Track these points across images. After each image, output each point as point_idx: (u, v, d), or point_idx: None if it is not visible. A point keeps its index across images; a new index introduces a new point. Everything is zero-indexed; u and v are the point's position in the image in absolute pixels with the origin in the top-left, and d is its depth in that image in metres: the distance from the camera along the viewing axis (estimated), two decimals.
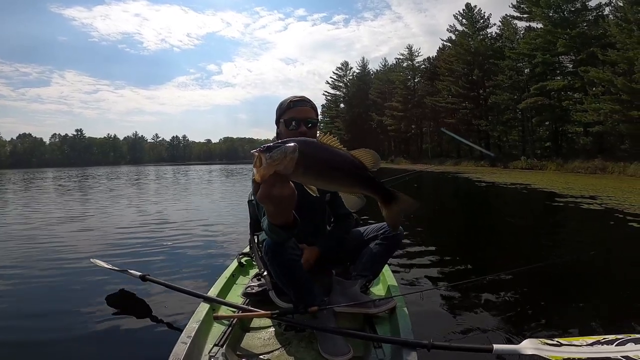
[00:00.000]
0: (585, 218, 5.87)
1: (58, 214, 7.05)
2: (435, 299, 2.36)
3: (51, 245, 4.27)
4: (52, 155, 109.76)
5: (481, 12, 33.13)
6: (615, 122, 19.15)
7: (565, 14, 23.94)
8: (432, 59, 41.04)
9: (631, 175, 15.60)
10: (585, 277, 2.92)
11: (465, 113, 33.05)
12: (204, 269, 3.14)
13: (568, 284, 2.72)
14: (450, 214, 7.19)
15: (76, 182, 19.36)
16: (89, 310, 2.33)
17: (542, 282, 2.73)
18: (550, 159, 23.21)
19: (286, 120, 1.58)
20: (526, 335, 1.74)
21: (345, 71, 55.51)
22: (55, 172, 41.02)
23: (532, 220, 6.15)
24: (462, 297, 2.45)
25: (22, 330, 2.08)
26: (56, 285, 2.90)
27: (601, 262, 3.36)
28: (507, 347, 1.30)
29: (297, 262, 1.44)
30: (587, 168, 19.04)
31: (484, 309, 2.23)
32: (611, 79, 18.30)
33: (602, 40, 20.72)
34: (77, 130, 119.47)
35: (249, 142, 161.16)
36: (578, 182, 12.40)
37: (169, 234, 4.71)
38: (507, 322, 2.07)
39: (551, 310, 2.28)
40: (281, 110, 1.61)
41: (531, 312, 2.26)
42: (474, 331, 1.94)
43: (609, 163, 18.17)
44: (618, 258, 3.60)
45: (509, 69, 28.08)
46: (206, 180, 18.35)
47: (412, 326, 1.46)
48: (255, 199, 1.45)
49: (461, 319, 2.11)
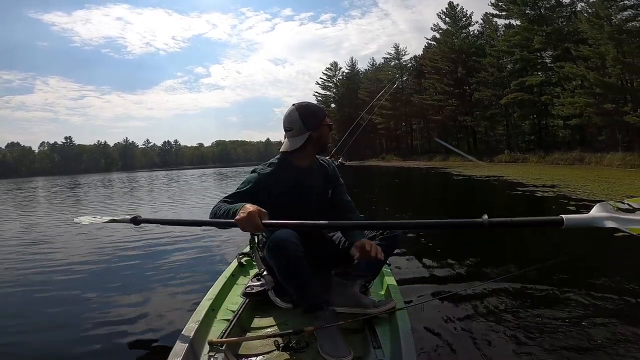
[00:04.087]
0: (529, 202, 6.68)
1: (55, 219, 7.22)
2: (436, 300, 2.35)
3: (49, 247, 4.37)
4: (42, 164, 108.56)
5: (463, 11, 34.02)
6: (590, 115, 19.96)
7: (542, 11, 24.76)
8: (418, 58, 41.86)
9: (607, 165, 16.29)
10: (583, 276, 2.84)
11: (452, 110, 33.87)
12: (204, 269, 3.13)
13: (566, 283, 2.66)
14: (404, 202, 7.94)
15: (73, 190, 19.16)
16: (88, 310, 2.33)
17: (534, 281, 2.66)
18: (533, 152, 24.03)
19: (330, 125, 1.72)
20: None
21: (334, 71, 56.22)
22: (46, 181, 39.97)
23: (479, 208, 6.83)
24: (462, 297, 2.43)
25: (18, 332, 2.09)
26: (55, 285, 2.90)
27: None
28: (579, 217, 1.09)
29: (301, 259, 1.43)
30: (566, 160, 19.74)
31: (485, 309, 2.22)
32: (584, 74, 19.11)
33: (575, 37, 21.56)
34: (67, 137, 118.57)
35: (241, 145, 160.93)
36: (550, 173, 13.07)
37: (169, 234, 4.72)
38: (509, 320, 2.08)
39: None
40: (320, 117, 1.67)
41: (530, 309, 2.24)
42: (474, 331, 1.95)
43: (586, 154, 18.88)
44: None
45: (491, 66, 28.91)
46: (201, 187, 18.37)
47: (412, 326, 1.46)
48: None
49: (461, 318, 2.11)
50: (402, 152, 42.58)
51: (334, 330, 1.41)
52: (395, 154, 42.57)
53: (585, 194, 6.92)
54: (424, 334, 1.92)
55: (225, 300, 1.80)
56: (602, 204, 1.11)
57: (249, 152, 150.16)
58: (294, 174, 1.66)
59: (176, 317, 2.14)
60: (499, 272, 2.99)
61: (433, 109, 36.14)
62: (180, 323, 1.67)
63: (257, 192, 1.59)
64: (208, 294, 1.77)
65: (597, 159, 17.78)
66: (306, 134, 1.62)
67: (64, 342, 1.97)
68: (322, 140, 1.68)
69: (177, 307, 2.31)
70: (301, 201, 1.65)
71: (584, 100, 19.62)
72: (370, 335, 1.47)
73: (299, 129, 1.62)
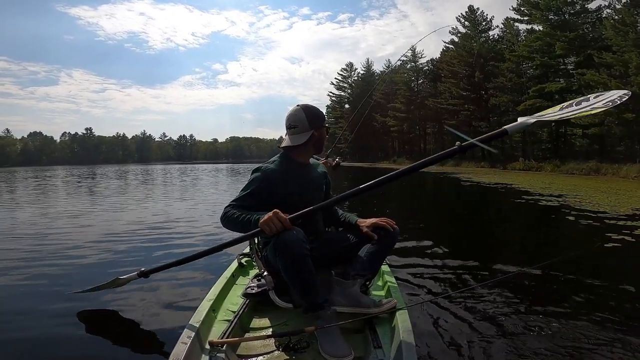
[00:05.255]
0: (528, 211, 6.70)
1: (63, 210, 7.28)
2: (436, 300, 2.38)
3: (51, 242, 4.37)
4: (62, 154, 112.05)
5: (484, 15, 33.37)
6: (609, 124, 19.30)
7: (566, 17, 24.08)
8: (435, 61, 41.30)
9: (623, 176, 15.74)
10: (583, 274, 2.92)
11: (467, 115, 33.28)
12: (204, 269, 3.16)
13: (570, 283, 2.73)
14: (410, 207, 7.89)
15: (95, 180, 19.51)
16: (88, 310, 2.32)
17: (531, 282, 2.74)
18: (548, 160, 23.40)
19: (327, 128, 1.81)
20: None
21: (349, 72, 56.05)
22: (64, 170, 40.68)
23: (479, 213, 6.97)
24: (463, 297, 2.46)
25: (18, 330, 2.07)
26: (55, 284, 2.86)
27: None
28: (516, 124, 1.32)
29: (308, 257, 1.45)
30: (582, 170, 19.15)
31: (485, 309, 2.25)
32: (606, 82, 18.49)
33: (599, 43, 20.87)
34: (87, 128, 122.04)
35: (255, 142, 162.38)
36: (561, 183, 12.75)
37: (169, 234, 4.76)
38: (505, 316, 2.14)
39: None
40: (322, 119, 1.78)
41: (528, 310, 2.28)
42: (474, 331, 1.98)
43: (603, 165, 18.30)
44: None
45: (509, 71, 28.27)
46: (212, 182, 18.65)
47: (412, 326, 1.48)
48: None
49: (461, 318, 2.13)
50: (414, 156, 42.03)
51: (334, 330, 1.42)
52: (407, 157, 42.08)
53: (591, 205, 6.71)
54: (424, 334, 1.93)
55: (226, 300, 1.80)
56: (523, 117, 1.39)
57: (262, 149, 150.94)
58: (296, 167, 1.75)
59: (177, 317, 2.16)
60: (499, 272, 3.00)
61: (448, 113, 35.56)
62: (181, 324, 1.68)
63: (263, 189, 1.64)
64: (208, 294, 1.77)
65: (613, 170, 17.21)
66: (309, 132, 1.72)
67: (63, 342, 1.97)
68: (321, 141, 1.79)
69: (178, 308, 2.33)
70: (303, 194, 1.71)
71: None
72: (370, 335, 1.47)
73: (303, 127, 1.72)
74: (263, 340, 1.44)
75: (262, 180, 1.66)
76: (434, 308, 2.25)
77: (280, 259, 1.45)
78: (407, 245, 3.84)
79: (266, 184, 1.65)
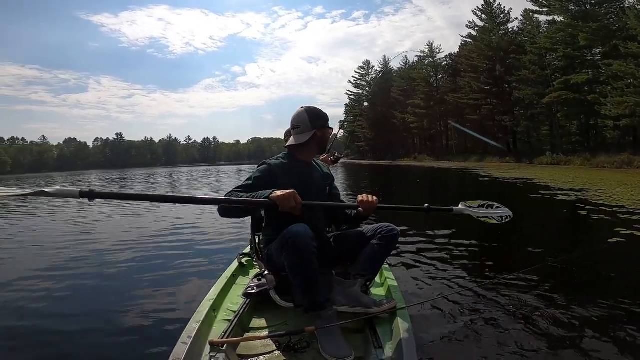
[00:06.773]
0: (537, 206, 6.74)
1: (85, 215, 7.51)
2: (436, 300, 2.38)
3: (63, 244, 4.55)
4: (95, 159, 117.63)
5: (501, 7, 32.50)
6: None
7: (587, 7, 23.20)
8: (453, 55, 40.56)
9: None
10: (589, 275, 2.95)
11: (489, 109, 32.55)
12: (205, 269, 3.17)
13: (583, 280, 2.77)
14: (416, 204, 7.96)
15: (139, 183, 19.97)
16: (89, 310, 2.38)
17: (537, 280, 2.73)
18: (578, 154, 22.60)
19: (331, 129, 1.87)
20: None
21: (367, 70, 55.93)
22: (97, 175, 41.61)
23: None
24: (463, 297, 2.47)
25: (24, 328, 2.15)
26: (59, 286, 2.90)
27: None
28: (458, 208, 1.82)
29: (314, 254, 1.45)
30: (613, 163, 18.36)
31: (485, 309, 2.27)
32: (634, 72, 17.74)
33: (624, 33, 19.99)
34: (117, 134, 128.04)
35: (276, 143, 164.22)
36: (587, 177, 12.42)
37: (170, 233, 4.84)
38: (505, 317, 2.15)
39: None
40: (325, 120, 1.85)
41: (528, 308, 2.30)
42: (475, 331, 1.98)
43: (636, 157, 17.54)
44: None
45: (532, 64, 27.43)
46: None
47: (412, 326, 1.48)
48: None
49: (462, 318, 2.14)
50: (436, 152, 41.49)
51: (334, 330, 1.42)
52: (429, 154, 41.58)
53: (611, 199, 6.65)
54: (425, 334, 1.94)
55: (226, 300, 1.81)
56: (462, 203, 1.86)
57: (283, 149, 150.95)
58: (299, 165, 1.82)
59: (177, 317, 2.17)
60: (499, 272, 3.01)
61: (469, 108, 34.92)
62: (181, 323, 1.67)
63: (267, 180, 1.67)
64: (209, 294, 1.78)
65: None
66: (311, 132, 1.79)
67: (63, 342, 2.01)
68: (324, 141, 1.86)
69: (178, 308, 2.34)
70: (305, 191, 1.69)
71: (633, 99, 18.20)
72: (371, 335, 1.48)
73: (306, 127, 1.79)
74: (263, 340, 1.44)
75: (267, 172, 1.71)
76: (435, 308, 2.25)
77: (287, 254, 1.46)
78: (407, 245, 3.82)
79: (271, 176, 1.69)
